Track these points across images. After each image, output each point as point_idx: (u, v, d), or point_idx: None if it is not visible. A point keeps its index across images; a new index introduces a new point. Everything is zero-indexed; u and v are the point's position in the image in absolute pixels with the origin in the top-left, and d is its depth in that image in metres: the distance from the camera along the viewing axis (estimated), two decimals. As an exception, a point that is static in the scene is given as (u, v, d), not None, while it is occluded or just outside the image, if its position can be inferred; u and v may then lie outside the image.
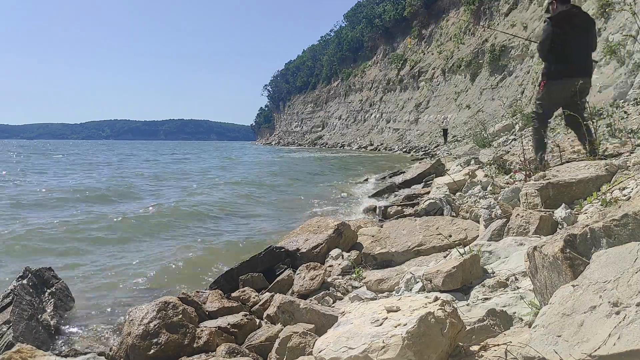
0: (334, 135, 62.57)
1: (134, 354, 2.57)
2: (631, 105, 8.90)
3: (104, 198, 9.91)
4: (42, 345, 2.82)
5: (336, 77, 69.50)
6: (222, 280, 3.74)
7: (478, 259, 2.51)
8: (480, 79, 33.21)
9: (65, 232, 6.28)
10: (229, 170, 19.52)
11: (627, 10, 9.95)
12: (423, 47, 46.68)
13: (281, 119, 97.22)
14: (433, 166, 10.11)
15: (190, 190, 11.37)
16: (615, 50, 12.69)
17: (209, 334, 2.65)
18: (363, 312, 1.89)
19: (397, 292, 2.84)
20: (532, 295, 1.99)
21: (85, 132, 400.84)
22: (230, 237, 6.15)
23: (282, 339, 2.30)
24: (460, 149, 17.03)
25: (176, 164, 24.24)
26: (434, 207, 4.86)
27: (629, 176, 3.21)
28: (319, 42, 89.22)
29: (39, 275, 3.50)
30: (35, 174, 16.20)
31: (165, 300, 2.80)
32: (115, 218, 7.23)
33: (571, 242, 1.74)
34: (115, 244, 5.67)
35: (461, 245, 3.07)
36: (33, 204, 8.74)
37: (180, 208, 8.26)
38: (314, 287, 3.32)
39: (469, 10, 38.06)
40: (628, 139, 5.13)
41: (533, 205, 3.26)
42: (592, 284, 1.48)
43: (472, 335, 1.88)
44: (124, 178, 14.80)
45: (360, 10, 67.26)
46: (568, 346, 1.35)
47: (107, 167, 21.47)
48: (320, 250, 4.04)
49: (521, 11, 30.54)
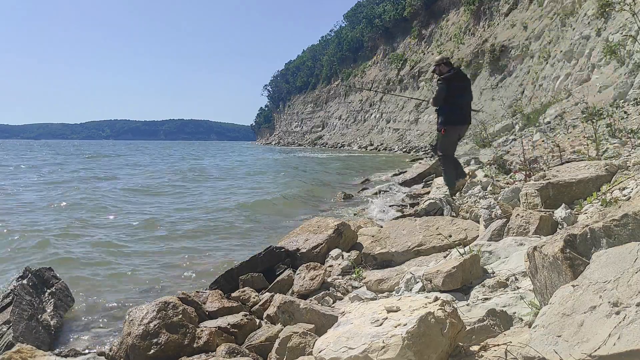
0: (334, 136, 62.55)
1: (134, 354, 2.57)
2: (631, 105, 8.89)
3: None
4: (42, 345, 2.82)
5: (336, 77, 69.50)
6: (222, 280, 3.73)
7: (478, 259, 2.51)
8: (480, 79, 33.20)
9: (64, 231, 6.28)
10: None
11: (627, 10, 9.95)
12: (423, 47, 46.68)
13: (281, 119, 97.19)
14: (433, 166, 10.12)
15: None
16: (615, 50, 12.68)
17: (209, 334, 2.65)
18: (363, 312, 1.89)
19: (397, 292, 2.84)
20: (532, 295, 1.99)
21: (85, 132, 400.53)
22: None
23: (282, 339, 2.30)
24: (460, 149, 17.01)
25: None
26: (434, 207, 4.86)
27: (629, 176, 3.21)
28: (319, 42, 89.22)
29: (39, 275, 3.50)
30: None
31: (165, 300, 2.80)
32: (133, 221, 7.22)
33: (571, 242, 1.74)
34: (115, 244, 5.66)
35: (461, 245, 3.07)
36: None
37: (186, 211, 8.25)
38: (314, 287, 3.32)
39: (469, 10, 38.06)
40: (628, 139, 5.13)
41: (533, 205, 3.25)
42: (592, 284, 1.48)
43: (472, 335, 1.88)
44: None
45: (360, 10, 67.26)
46: (568, 346, 1.35)
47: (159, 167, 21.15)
48: (320, 250, 4.04)
49: (521, 11, 30.55)
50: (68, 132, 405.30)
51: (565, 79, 17.27)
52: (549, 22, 23.34)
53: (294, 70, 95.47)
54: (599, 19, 15.32)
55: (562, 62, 18.06)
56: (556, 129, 10.31)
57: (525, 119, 15.44)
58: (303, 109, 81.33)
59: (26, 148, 54.97)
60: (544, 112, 15.08)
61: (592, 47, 15.56)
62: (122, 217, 7.56)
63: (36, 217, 7.40)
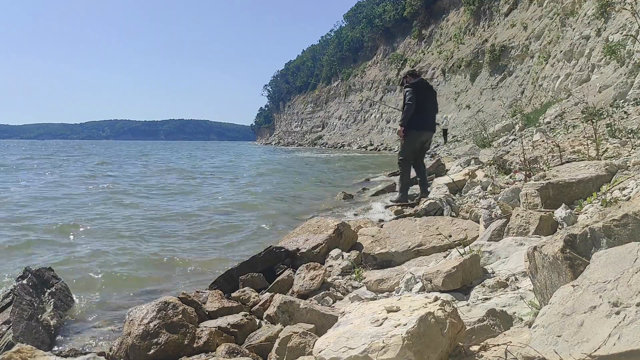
0: (333, 136, 62.58)
1: (134, 354, 2.57)
2: (631, 105, 8.89)
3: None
4: (42, 345, 2.82)
5: (336, 77, 69.51)
6: (222, 280, 3.73)
7: (478, 259, 2.51)
8: (480, 79, 33.22)
9: (63, 230, 6.29)
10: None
11: (627, 10, 9.95)
12: (423, 47, 46.68)
13: (281, 119, 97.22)
14: (433, 166, 10.11)
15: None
16: (615, 50, 12.69)
17: (209, 334, 2.65)
18: (363, 312, 1.89)
19: (397, 292, 2.84)
20: (532, 295, 1.99)
21: (86, 132, 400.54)
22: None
23: (282, 339, 2.30)
24: (460, 149, 17.04)
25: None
26: (434, 207, 4.86)
27: (629, 176, 3.21)
28: (319, 42, 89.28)
29: (39, 275, 3.50)
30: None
31: (165, 300, 2.80)
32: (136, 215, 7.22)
33: (571, 242, 1.74)
34: (115, 243, 5.66)
35: (461, 245, 3.06)
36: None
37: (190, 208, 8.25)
38: (314, 287, 3.32)
39: (469, 10, 38.08)
40: (628, 139, 5.13)
41: (533, 206, 3.25)
42: (592, 284, 1.48)
43: (472, 335, 1.88)
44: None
45: (360, 11, 67.29)
46: (568, 346, 1.35)
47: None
48: (320, 250, 4.03)
49: (521, 11, 30.57)
50: (68, 132, 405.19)
51: (565, 79, 17.27)
52: (549, 22, 23.35)
53: (294, 70, 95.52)
54: (599, 19, 15.33)
55: (562, 62, 18.07)
56: (556, 129, 10.31)
57: (525, 119, 15.44)
58: (303, 109, 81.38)
59: (59, 149, 52.36)
60: (544, 112, 15.09)
61: (592, 47, 15.57)
62: (122, 216, 7.56)
63: (39, 213, 7.41)
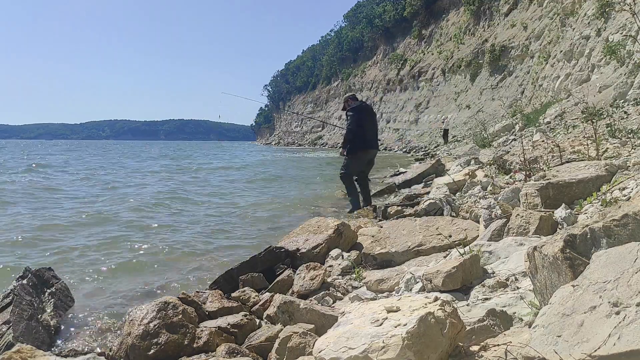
0: (333, 136, 62.54)
1: (134, 354, 2.57)
2: (631, 105, 8.89)
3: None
4: (42, 345, 2.81)
5: (336, 77, 69.50)
6: (222, 280, 3.73)
7: (478, 259, 2.51)
8: (480, 79, 33.23)
9: (62, 231, 6.29)
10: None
11: (627, 10, 9.95)
12: (423, 47, 46.69)
13: (281, 119, 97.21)
14: (433, 166, 10.12)
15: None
16: (615, 50, 12.68)
17: (209, 334, 2.65)
18: (363, 312, 1.89)
19: (397, 292, 2.84)
20: (532, 295, 1.99)
21: (85, 132, 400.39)
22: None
23: (282, 339, 2.30)
24: (460, 149, 17.04)
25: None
26: (434, 207, 4.86)
27: (629, 176, 3.21)
28: (319, 42, 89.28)
29: (39, 275, 3.50)
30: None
31: (165, 300, 2.80)
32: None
33: (571, 242, 1.74)
34: (114, 244, 5.66)
35: (461, 245, 3.07)
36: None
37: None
38: (314, 287, 3.32)
39: (469, 10, 38.09)
40: (628, 139, 5.13)
41: (533, 206, 3.25)
42: (592, 284, 1.48)
43: (472, 336, 1.88)
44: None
45: (360, 11, 67.29)
46: (568, 346, 1.35)
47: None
48: (320, 250, 4.03)
49: (521, 11, 30.57)
50: (68, 132, 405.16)
51: (565, 79, 17.27)
52: (549, 22, 23.36)
53: (294, 70, 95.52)
54: (599, 19, 15.32)
55: (562, 62, 18.07)
56: (556, 129, 10.31)
57: (525, 119, 15.44)
58: (303, 109, 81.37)
59: (75, 147, 50.60)
60: (544, 112, 15.09)
61: (592, 47, 15.57)
62: (122, 216, 7.56)
63: (38, 212, 7.41)
